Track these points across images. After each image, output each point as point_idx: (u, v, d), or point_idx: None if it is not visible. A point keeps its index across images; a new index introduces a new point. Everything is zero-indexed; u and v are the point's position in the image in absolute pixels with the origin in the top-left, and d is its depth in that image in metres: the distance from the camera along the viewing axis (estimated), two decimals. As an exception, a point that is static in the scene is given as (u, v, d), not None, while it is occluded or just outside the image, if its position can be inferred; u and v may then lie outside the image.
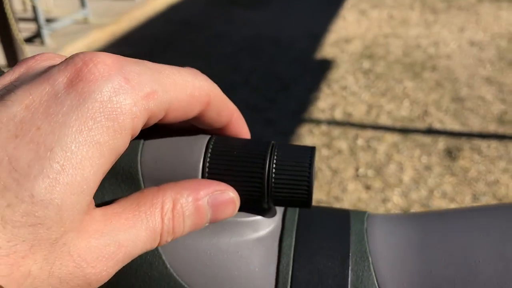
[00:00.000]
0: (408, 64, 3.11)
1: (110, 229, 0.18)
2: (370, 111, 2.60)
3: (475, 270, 0.20)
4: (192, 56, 3.42)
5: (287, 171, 0.22)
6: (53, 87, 0.17)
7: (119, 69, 0.18)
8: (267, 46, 3.51)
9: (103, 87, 0.17)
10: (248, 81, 2.98)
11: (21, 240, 0.16)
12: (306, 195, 0.22)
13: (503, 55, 3.19)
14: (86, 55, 0.18)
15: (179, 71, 0.21)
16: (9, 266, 0.15)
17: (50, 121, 0.16)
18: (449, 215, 0.23)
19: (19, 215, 0.15)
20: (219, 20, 4.09)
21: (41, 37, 3.57)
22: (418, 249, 0.22)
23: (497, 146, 2.25)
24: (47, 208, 0.16)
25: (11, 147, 0.16)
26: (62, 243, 0.17)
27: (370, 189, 2.01)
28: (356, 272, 0.22)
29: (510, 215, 0.22)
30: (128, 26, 4.04)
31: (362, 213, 0.25)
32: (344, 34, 3.68)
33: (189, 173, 0.22)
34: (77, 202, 0.17)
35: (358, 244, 0.23)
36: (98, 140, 0.17)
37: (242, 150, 0.22)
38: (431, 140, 2.32)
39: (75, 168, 0.16)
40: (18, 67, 0.19)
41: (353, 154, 2.25)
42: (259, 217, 0.23)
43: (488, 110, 2.55)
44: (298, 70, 3.12)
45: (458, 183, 2.02)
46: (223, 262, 0.22)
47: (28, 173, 0.16)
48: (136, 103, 0.18)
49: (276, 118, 2.55)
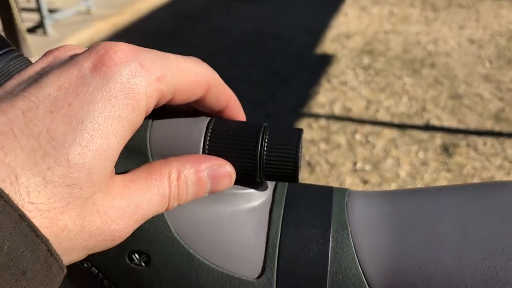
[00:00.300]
0: (408, 61, 3.14)
1: (129, 193, 0.21)
2: (369, 106, 2.62)
3: (438, 238, 0.23)
4: (193, 49, 3.43)
5: (276, 149, 0.25)
6: (80, 71, 0.20)
7: (135, 56, 0.21)
8: (268, 40, 3.53)
9: (122, 71, 0.20)
10: (248, 76, 3.00)
11: (59, 198, 0.18)
12: (293, 170, 0.25)
13: (502, 53, 3.21)
14: (106, 44, 0.21)
15: (184, 59, 0.24)
16: (49, 219, 0.18)
17: (80, 99, 0.19)
18: (419, 192, 0.26)
19: (57, 177, 0.18)
20: (221, 14, 4.10)
21: (44, 27, 3.58)
22: (391, 220, 0.25)
23: (493, 143, 2.28)
24: (80, 171, 0.19)
25: (48, 120, 0.19)
26: (91, 202, 0.20)
27: (367, 183, 2.04)
28: (336, 239, 0.25)
29: (472, 193, 0.25)
30: (130, 18, 4.06)
31: (344, 190, 0.28)
32: (344, 29, 3.69)
33: (191, 150, 0.25)
34: (104, 167, 0.20)
35: (339, 215, 0.26)
36: (120, 115, 0.20)
37: (238, 130, 0.25)
38: (428, 136, 2.35)
39: (102, 138, 0.19)
40: (45, 57, 0.22)
41: (351, 148, 2.27)
42: (252, 190, 0.27)
43: (485, 108, 2.57)
44: (298, 65, 3.14)
45: (454, 179, 2.05)
46: (220, 228, 0.25)
47: (63, 141, 0.19)
48: (150, 84, 0.21)
49: (276, 112, 2.58)
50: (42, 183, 0.18)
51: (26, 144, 0.18)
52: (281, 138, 0.25)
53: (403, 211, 0.25)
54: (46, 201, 0.18)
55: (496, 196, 0.24)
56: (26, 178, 0.18)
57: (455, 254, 0.22)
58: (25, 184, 0.18)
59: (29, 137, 0.18)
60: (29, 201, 0.18)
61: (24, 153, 0.18)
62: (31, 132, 0.18)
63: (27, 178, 0.18)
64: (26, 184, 0.18)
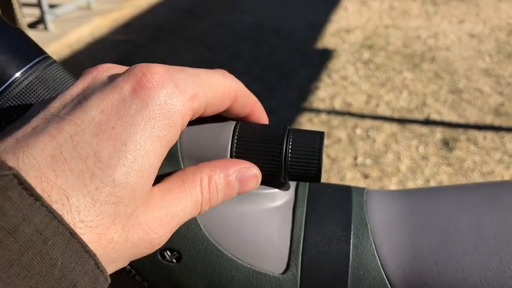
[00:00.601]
0: (408, 55, 3.15)
1: (165, 202, 0.23)
2: (369, 101, 2.63)
3: (454, 235, 0.25)
4: (194, 44, 3.44)
5: (301, 151, 0.26)
6: (121, 94, 0.22)
7: (170, 77, 0.23)
8: (268, 35, 3.54)
9: (159, 93, 0.22)
10: (249, 70, 3.01)
11: (106, 215, 0.20)
12: (316, 171, 0.26)
13: (502, 47, 3.23)
14: (143, 66, 0.23)
15: (213, 74, 0.25)
16: (98, 234, 0.20)
17: (122, 122, 0.21)
18: (435, 191, 0.28)
19: (104, 196, 0.20)
20: (221, 9, 4.10)
21: (45, 22, 3.59)
22: (408, 218, 0.26)
23: (493, 138, 2.30)
24: (124, 190, 0.21)
25: (94, 143, 0.20)
26: (134, 216, 0.21)
27: (368, 178, 2.06)
28: (357, 236, 0.26)
29: (485, 191, 0.26)
30: (130, 13, 4.06)
31: (362, 189, 0.29)
32: (345, 24, 3.70)
33: (220, 153, 0.27)
34: (145, 184, 0.22)
35: (358, 213, 0.27)
36: (159, 135, 0.22)
37: (263, 134, 0.27)
38: (428, 130, 2.37)
39: (143, 158, 0.21)
40: (85, 77, 0.24)
41: (352, 143, 2.29)
42: (276, 190, 0.28)
43: (485, 102, 2.59)
44: (299, 59, 3.15)
45: (454, 173, 2.07)
46: (246, 225, 0.27)
47: (109, 163, 0.20)
48: (184, 104, 0.23)
49: (277, 107, 2.59)
50: (91, 202, 0.20)
51: (75, 167, 0.20)
52: (305, 141, 0.27)
53: (419, 209, 0.27)
54: (95, 218, 0.20)
55: (507, 194, 0.25)
56: (76, 199, 0.19)
57: (469, 250, 0.24)
58: (75, 205, 0.19)
59: (77, 160, 0.20)
60: (80, 220, 0.19)
61: (73, 175, 0.19)
62: (79, 155, 0.20)
63: (77, 199, 0.19)
64: (77, 204, 0.19)
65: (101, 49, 3.41)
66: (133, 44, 3.49)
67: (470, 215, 0.25)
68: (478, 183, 0.28)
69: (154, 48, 3.39)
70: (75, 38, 3.55)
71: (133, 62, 0.23)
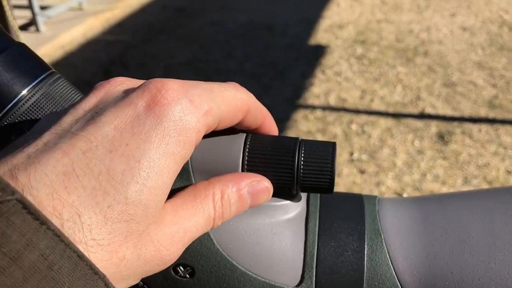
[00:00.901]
0: (401, 50, 3.15)
1: (177, 219, 0.23)
2: (364, 96, 2.64)
3: (469, 244, 0.25)
4: (187, 43, 3.43)
5: (313, 163, 0.26)
6: (135, 110, 0.21)
7: (185, 93, 0.22)
8: (261, 32, 3.53)
9: (174, 109, 0.22)
10: (243, 68, 3.01)
11: (118, 232, 0.20)
12: (329, 182, 0.26)
13: (494, 40, 3.24)
14: (158, 82, 0.22)
15: (226, 88, 0.25)
16: (109, 252, 0.20)
17: (136, 138, 0.21)
18: (447, 198, 0.28)
19: (116, 213, 0.20)
20: (213, 7, 4.09)
21: (36, 24, 3.56)
22: (422, 227, 0.26)
23: (488, 130, 2.31)
24: (137, 207, 0.20)
25: (107, 160, 0.20)
26: (146, 233, 0.21)
27: (365, 173, 2.07)
28: (371, 247, 0.26)
29: (498, 198, 0.26)
30: (122, 13, 4.04)
31: (373, 197, 0.29)
32: (337, 20, 3.70)
33: (231, 166, 0.26)
34: (158, 201, 0.21)
35: (371, 223, 0.27)
36: (173, 151, 0.21)
37: (275, 146, 0.27)
38: (423, 124, 2.37)
39: (157, 175, 0.21)
40: (97, 91, 0.24)
41: (347, 139, 2.29)
42: (288, 202, 0.28)
43: (479, 95, 2.60)
44: (292, 56, 3.14)
45: (450, 166, 2.08)
46: (260, 239, 0.27)
47: (122, 180, 0.20)
48: (199, 120, 0.23)
49: (272, 104, 2.59)
50: (103, 220, 0.19)
51: (88, 184, 0.19)
52: (317, 152, 0.26)
53: (433, 218, 0.27)
54: (107, 236, 0.19)
55: None
56: (88, 217, 0.19)
57: (485, 259, 0.24)
58: (87, 222, 0.19)
59: (90, 177, 0.19)
60: (91, 238, 0.19)
61: (86, 193, 0.19)
62: (92, 172, 0.20)
63: (89, 217, 0.19)
64: (89, 222, 0.19)
65: (94, 50, 3.40)
66: (125, 44, 3.48)
67: (484, 222, 0.25)
68: (490, 189, 0.28)
69: (147, 48, 3.38)
70: (67, 40, 3.53)
71: (126, 63, 0.23)
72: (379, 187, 1.98)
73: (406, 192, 1.94)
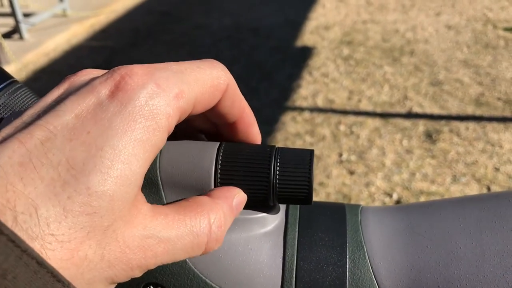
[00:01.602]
0: (387, 49, 3.16)
1: (153, 225, 0.21)
2: (351, 97, 2.64)
3: (456, 255, 0.24)
4: (173, 47, 3.41)
5: (289, 172, 0.25)
6: (97, 98, 0.20)
7: (151, 77, 0.21)
8: (247, 35, 3.52)
9: (139, 94, 0.20)
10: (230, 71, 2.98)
11: (79, 227, 0.18)
12: (306, 193, 0.25)
13: (479, 38, 3.26)
14: (122, 69, 0.21)
15: (199, 66, 0.23)
16: (70, 250, 0.18)
17: (98, 126, 0.19)
18: (433, 206, 0.26)
19: (77, 205, 0.18)
20: (198, 10, 4.07)
21: (20, 32, 3.52)
22: (406, 238, 0.25)
23: (475, 128, 2.31)
24: (100, 199, 0.18)
25: (67, 149, 0.18)
26: (112, 230, 0.19)
27: (354, 174, 2.06)
28: (353, 260, 0.25)
29: (485, 206, 0.25)
30: (107, 18, 4.00)
31: (356, 206, 0.28)
32: (323, 21, 3.70)
33: (203, 177, 0.25)
34: (126, 193, 0.19)
35: (354, 235, 0.26)
36: (141, 138, 0.20)
37: (249, 154, 0.25)
38: (411, 124, 2.37)
39: (123, 163, 0.19)
40: (62, 84, 0.22)
41: (336, 140, 2.29)
42: (265, 214, 0.26)
43: (465, 93, 2.61)
44: (279, 58, 3.14)
45: (438, 165, 2.08)
46: (235, 254, 0.25)
47: (83, 169, 0.18)
48: (169, 103, 0.21)
49: (260, 107, 2.57)
50: (63, 213, 0.18)
51: (46, 175, 0.18)
52: (293, 161, 0.25)
53: (418, 227, 0.25)
54: (67, 231, 0.18)
55: (508, 208, 0.24)
56: (46, 209, 0.17)
57: (473, 271, 0.23)
58: (44, 216, 0.17)
59: (48, 167, 0.18)
60: (49, 233, 0.17)
61: (43, 184, 0.18)
62: (51, 162, 0.18)
63: (47, 209, 0.17)
64: (46, 215, 0.17)
65: (79, 56, 3.36)
66: (111, 49, 3.44)
67: (472, 232, 0.24)
68: (477, 195, 0.26)
69: (133, 53, 3.35)
70: (51, 47, 3.49)
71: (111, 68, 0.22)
72: (368, 188, 1.98)
73: (395, 192, 1.94)
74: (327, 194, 1.95)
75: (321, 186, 1.99)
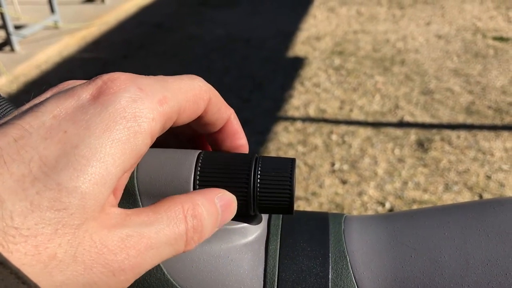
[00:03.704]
0: (378, 59, 3.17)
1: (130, 222, 0.20)
2: (343, 106, 2.64)
3: (440, 265, 0.23)
4: (166, 58, 3.41)
5: (270, 181, 0.24)
6: (78, 101, 0.19)
7: (133, 81, 0.21)
8: (239, 46, 3.53)
9: (121, 97, 0.20)
10: (222, 82, 3.00)
11: (47, 223, 0.17)
12: (288, 202, 0.24)
13: (469, 47, 3.28)
14: (104, 76, 0.21)
15: (181, 78, 0.23)
16: (35, 246, 0.17)
17: (76, 126, 0.19)
18: (416, 215, 0.26)
19: (46, 201, 0.17)
20: (190, 22, 4.08)
21: (11, 44, 3.50)
22: (390, 248, 0.25)
23: (466, 136, 2.32)
24: (71, 195, 0.18)
25: (41, 147, 0.18)
26: (84, 230, 0.18)
27: (346, 183, 2.06)
28: (336, 271, 0.24)
29: (470, 214, 0.25)
30: (99, 30, 4.00)
31: (340, 216, 0.27)
32: (314, 31, 3.72)
33: (182, 187, 0.24)
34: (99, 192, 0.18)
35: (336, 245, 0.25)
36: (120, 138, 0.19)
37: (229, 163, 0.25)
38: (403, 133, 2.38)
39: (98, 162, 0.18)
40: (48, 91, 0.22)
41: (328, 149, 2.29)
42: (246, 224, 0.26)
43: (456, 102, 2.62)
44: (271, 69, 3.14)
45: (431, 173, 2.08)
46: (215, 266, 0.25)
47: (55, 166, 0.18)
48: (152, 108, 0.20)
49: (252, 117, 2.57)
50: (29, 208, 0.17)
51: (16, 170, 0.17)
52: (274, 169, 0.24)
53: (402, 237, 0.25)
54: (33, 226, 0.17)
55: (493, 216, 0.24)
56: (12, 203, 0.17)
57: (457, 280, 0.22)
58: (9, 209, 0.16)
59: (19, 163, 0.17)
60: (13, 226, 0.16)
61: (12, 179, 0.17)
62: (22, 159, 0.18)
63: (13, 203, 0.17)
64: (11, 208, 0.17)
65: (70, 68, 3.35)
66: (102, 61, 3.44)
67: (456, 240, 0.23)
68: (462, 203, 0.26)
69: (124, 65, 3.34)
70: (43, 59, 3.48)
71: None
72: (361, 197, 1.97)
73: (388, 201, 1.93)
74: (320, 203, 1.95)
75: (314, 195, 1.99)
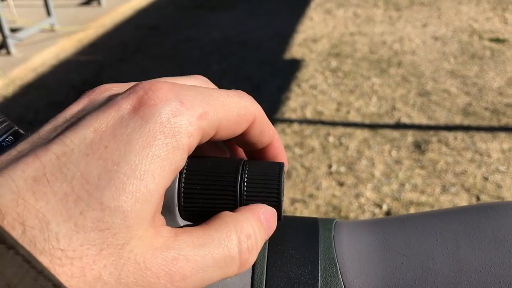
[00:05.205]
0: (375, 61, 3.18)
1: (177, 244, 0.19)
2: (340, 108, 2.64)
3: (433, 272, 0.23)
4: (162, 61, 3.41)
5: (257, 186, 0.24)
6: (118, 112, 0.19)
7: (175, 94, 0.20)
8: (236, 48, 3.53)
9: (162, 110, 0.19)
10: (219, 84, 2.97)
11: (92, 244, 0.17)
12: (275, 207, 0.24)
13: (465, 48, 3.29)
14: (145, 84, 0.20)
15: (227, 93, 0.23)
16: (81, 268, 0.16)
17: (116, 141, 0.18)
18: (408, 220, 0.25)
19: (90, 221, 0.17)
20: (187, 24, 4.08)
21: (7, 47, 3.49)
22: (381, 255, 0.24)
23: (463, 138, 2.32)
24: (114, 215, 0.17)
25: (83, 164, 0.18)
26: (128, 250, 0.18)
27: (344, 185, 2.05)
28: (325, 278, 0.24)
29: (463, 219, 0.24)
30: (95, 33, 4.00)
31: (330, 221, 0.27)
32: (311, 33, 3.72)
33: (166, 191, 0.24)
34: (141, 210, 0.18)
35: (326, 251, 0.25)
36: (159, 154, 0.19)
37: (215, 167, 0.24)
38: (400, 134, 2.38)
39: (139, 179, 0.18)
40: (81, 100, 0.21)
41: (325, 151, 2.28)
42: None
43: (453, 103, 2.62)
44: (268, 71, 3.14)
45: (428, 175, 2.08)
46: None
47: (98, 184, 0.17)
48: (191, 123, 0.20)
49: (248, 119, 2.57)
50: (74, 228, 0.17)
51: (59, 189, 0.17)
52: (262, 174, 0.24)
53: (393, 243, 0.24)
54: (78, 247, 0.17)
55: (487, 221, 0.23)
56: (57, 224, 0.16)
57: None
58: (55, 230, 0.16)
59: (62, 182, 0.17)
60: (59, 248, 0.16)
61: (56, 198, 0.17)
62: (65, 177, 0.17)
63: (57, 224, 0.16)
64: (56, 230, 0.16)
65: (67, 71, 3.35)
66: (99, 64, 3.43)
67: (449, 247, 0.23)
68: (455, 208, 0.25)
69: (121, 67, 3.34)
70: (39, 62, 3.47)
71: (99, 83, 0.21)
72: (358, 199, 1.97)
73: (385, 203, 1.93)
74: (317, 206, 1.94)
75: (311, 198, 1.98)
